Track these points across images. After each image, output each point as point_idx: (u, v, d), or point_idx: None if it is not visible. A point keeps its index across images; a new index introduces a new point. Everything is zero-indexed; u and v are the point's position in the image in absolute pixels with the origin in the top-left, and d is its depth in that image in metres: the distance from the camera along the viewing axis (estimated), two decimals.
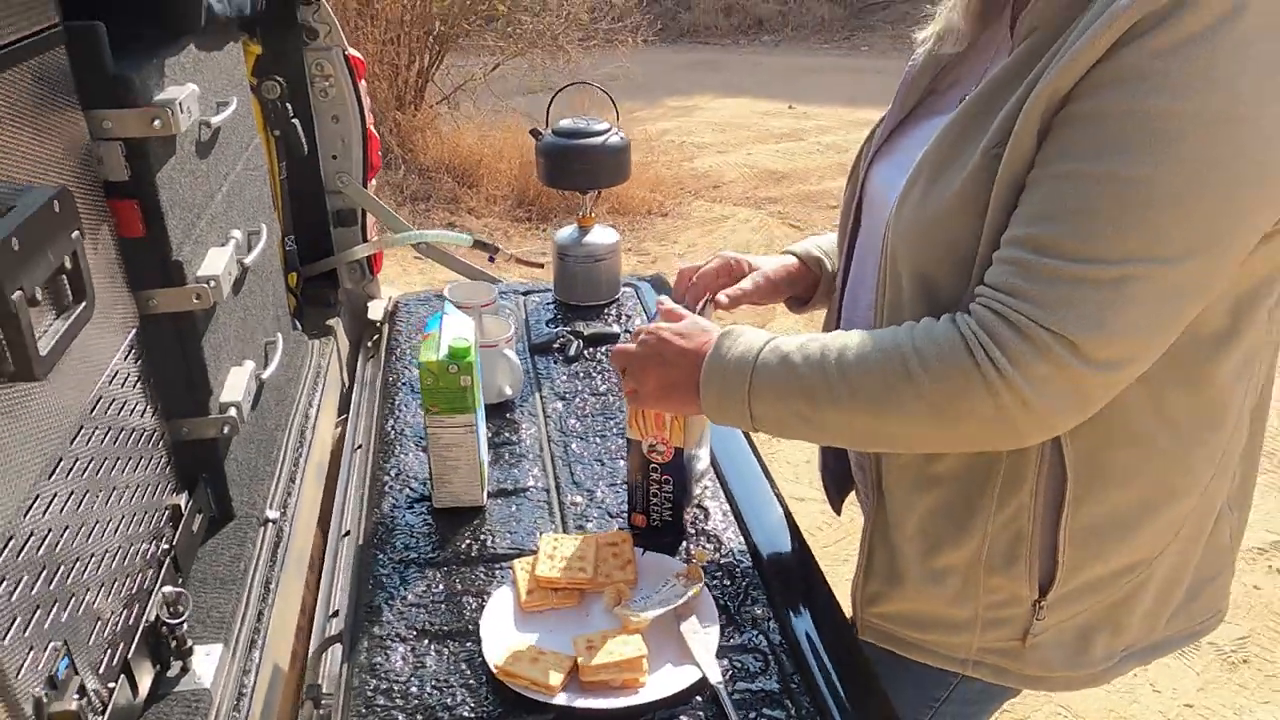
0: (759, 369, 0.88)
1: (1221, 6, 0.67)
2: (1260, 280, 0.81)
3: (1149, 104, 0.69)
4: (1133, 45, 0.70)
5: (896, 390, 0.80)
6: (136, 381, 1.02)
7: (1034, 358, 0.74)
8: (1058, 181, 0.74)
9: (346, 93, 1.79)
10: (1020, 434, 0.80)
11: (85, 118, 0.95)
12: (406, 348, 1.69)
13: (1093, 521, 0.89)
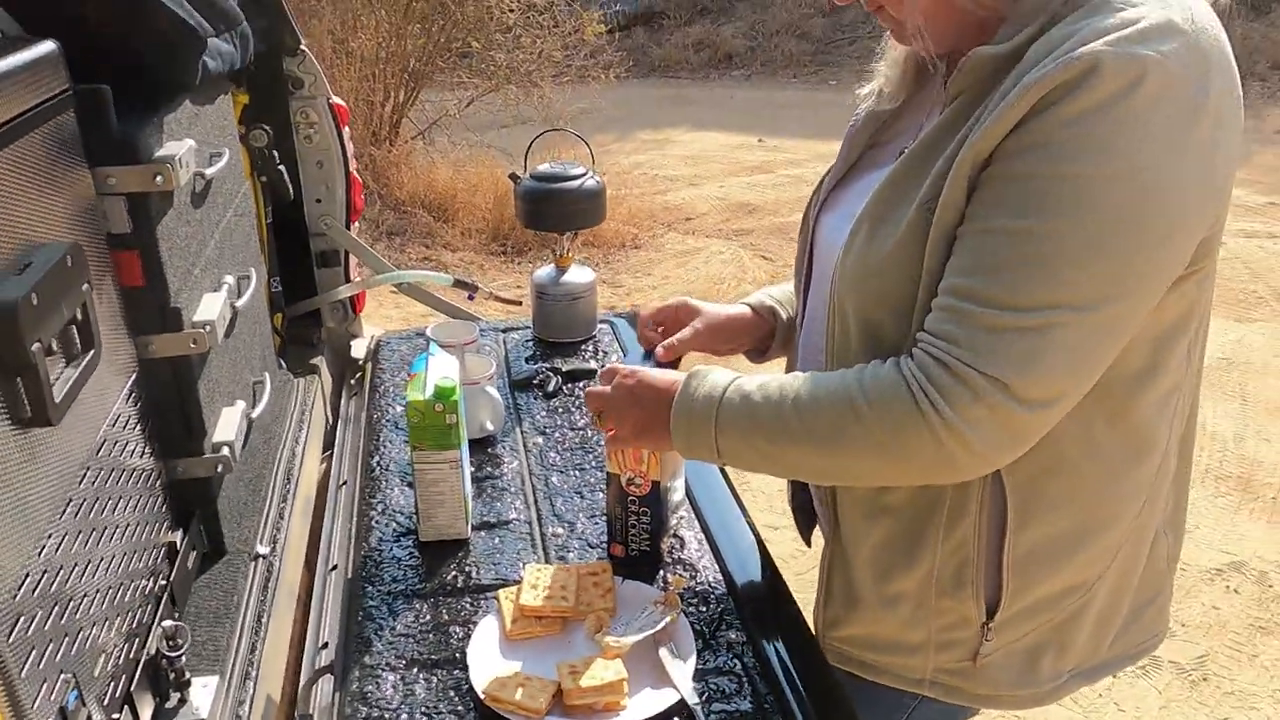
0: (723, 407, 0.94)
1: (1120, 81, 0.75)
2: (1176, 320, 0.88)
3: (1060, 168, 0.77)
4: (1044, 114, 0.77)
5: (846, 430, 0.87)
6: (136, 424, 1.07)
7: (970, 400, 0.81)
8: (984, 237, 0.81)
9: (330, 139, 1.85)
10: (961, 470, 0.86)
11: (91, 175, 1.01)
12: (390, 385, 1.74)
13: (1033, 547, 0.95)
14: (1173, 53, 0.76)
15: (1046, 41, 0.80)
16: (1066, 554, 0.96)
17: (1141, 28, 0.76)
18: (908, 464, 0.86)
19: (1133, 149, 0.76)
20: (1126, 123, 0.75)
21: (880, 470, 0.88)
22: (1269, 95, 8.22)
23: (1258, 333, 4.15)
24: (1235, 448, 3.31)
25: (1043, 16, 0.82)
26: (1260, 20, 8.93)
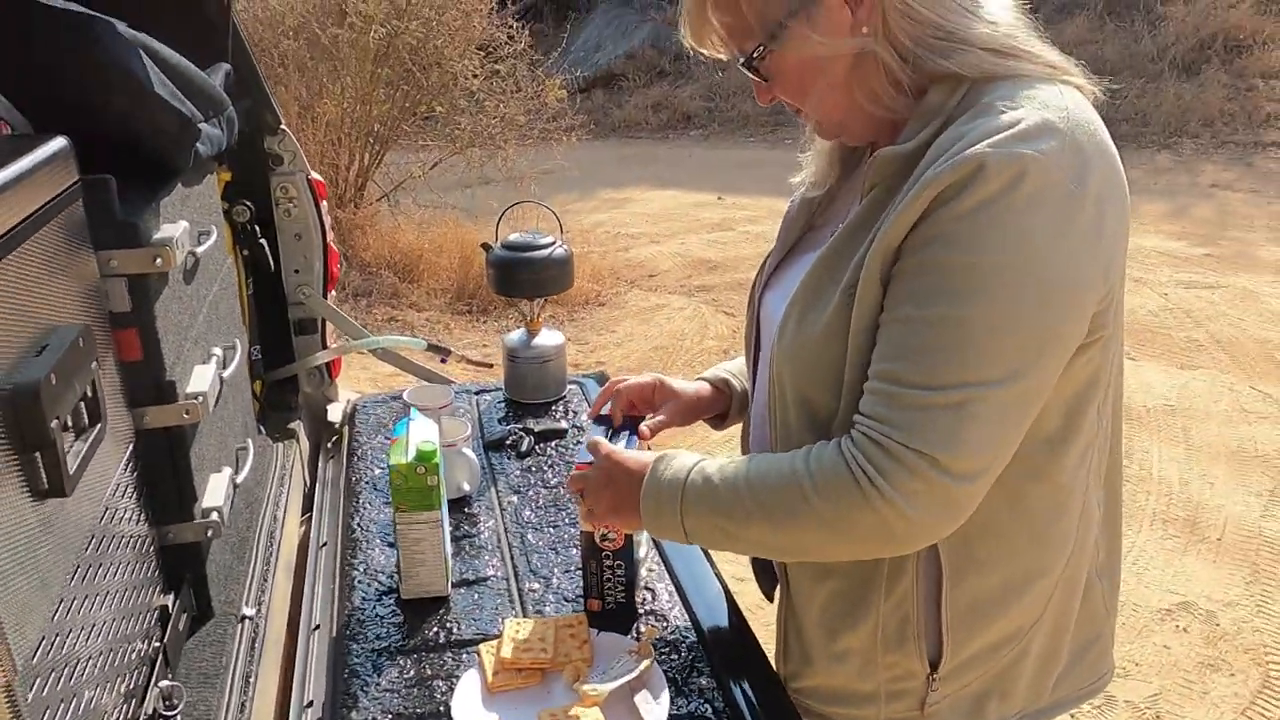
0: (687, 490, 1.00)
1: (1004, 177, 0.83)
2: (1085, 385, 0.97)
3: (957, 258, 0.85)
4: (940, 210, 0.86)
5: (796, 509, 0.93)
6: (133, 492, 1.12)
7: (906, 476, 0.87)
8: (901, 325, 0.89)
9: (309, 212, 1.93)
10: (903, 543, 0.92)
11: (96, 258, 1.07)
12: (367, 448, 1.80)
13: (969, 602, 1.02)
14: (1051, 150, 0.84)
15: (941, 144, 0.89)
16: (1000, 606, 1.03)
17: (1022, 129, 0.85)
18: (854, 539, 0.92)
19: (1020, 237, 0.84)
20: (1012, 214, 0.84)
21: (830, 546, 0.95)
22: (1201, 151, 8.61)
23: (1200, 379, 4.33)
24: (1181, 491, 3.44)
25: (939, 118, 0.91)
26: (1191, 81, 9.38)
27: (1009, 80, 0.91)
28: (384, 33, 5.95)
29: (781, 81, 0.99)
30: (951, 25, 0.91)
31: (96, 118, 1.21)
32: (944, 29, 0.91)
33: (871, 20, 0.92)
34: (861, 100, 0.97)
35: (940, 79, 0.93)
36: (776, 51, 0.96)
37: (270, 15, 6.17)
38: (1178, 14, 10.02)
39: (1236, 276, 5.58)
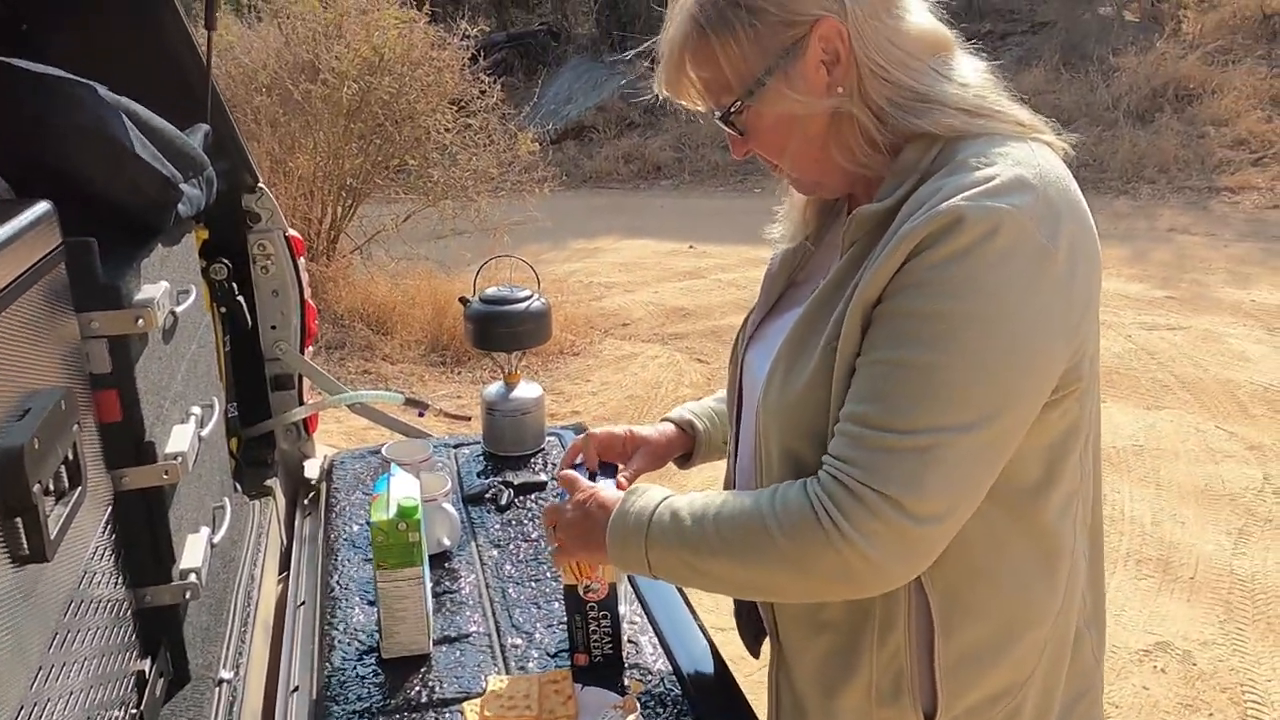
0: (654, 523, 1.01)
1: (979, 230, 0.86)
2: (1065, 434, 0.98)
3: (931, 306, 0.87)
4: (916, 260, 0.88)
5: (759, 546, 0.94)
6: (111, 555, 1.11)
7: (867, 516, 0.88)
8: (873, 368, 0.92)
9: (286, 269, 1.94)
10: (862, 583, 0.92)
11: (77, 320, 1.07)
12: (345, 504, 1.78)
13: (962, 654, 1.01)
14: (1024, 205, 0.87)
15: (917, 198, 0.91)
16: (993, 658, 1.02)
17: (996, 184, 0.88)
18: (816, 579, 0.93)
19: (993, 288, 0.87)
20: (986, 266, 0.86)
21: (792, 584, 0.96)
22: (1158, 196, 8.85)
23: (1167, 420, 4.40)
24: (1153, 531, 3.48)
25: (915, 175, 0.94)
26: (1145, 129, 9.66)
27: (982, 138, 0.94)
28: (357, 88, 6.01)
29: (758, 137, 1.01)
30: (924, 87, 0.94)
31: (78, 180, 1.21)
32: (917, 91, 0.94)
33: (847, 80, 0.94)
34: (838, 157, 0.99)
35: (914, 138, 0.95)
36: (754, 107, 0.98)
37: (243, 72, 6.22)
38: (1130, 64, 10.36)
39: (1198, 318, 5.71)
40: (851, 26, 0.93)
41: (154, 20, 1.60)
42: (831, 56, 0.94)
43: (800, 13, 0.93)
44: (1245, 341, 5.29)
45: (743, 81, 0.96)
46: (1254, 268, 6.67)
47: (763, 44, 0.94)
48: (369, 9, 6.31)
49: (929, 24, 0.98)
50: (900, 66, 0.94)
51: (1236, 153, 9.11)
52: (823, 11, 0.92)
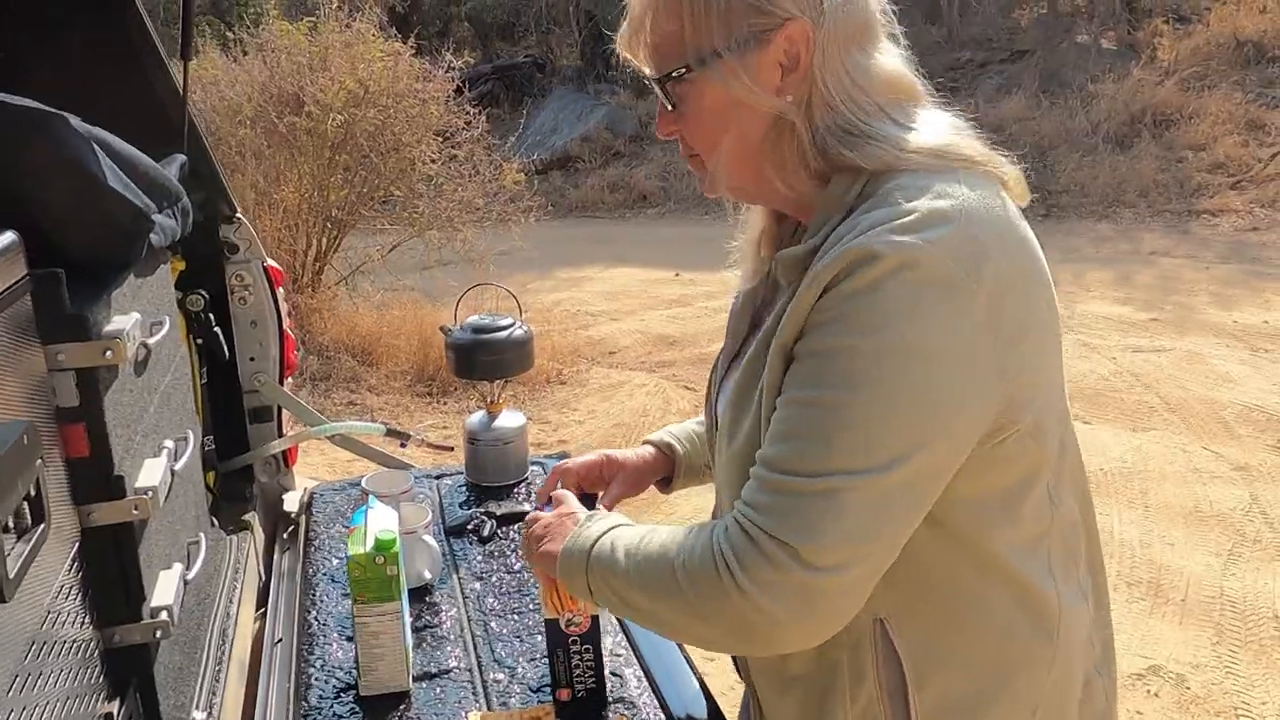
0: (595, 550, 1.00)
1: (890, 264, 0.82)
2: (1021, 479, 0.92)
3: (842, 341, 0.84)
4: (830, 293, 0.85)
5: (668, 589, 0.91)
6: (78, 593, 1.08)
7: (763, 564, 0.84)
8: (785, 408, 0.88)
9: (265, 300, 1.91)
10: (761, 638, 0.87)
11: (43, 352, 1.05)
12: (325, 538, 1.75)
13: (940, 705, 0.95)
14: (941, 238, 0.83)
15: (837, 235, 0.88)
16: (979, 708, 0.96)
17: (912, 219, 0.84)
18: (718, 629, 0.89)
19: (905, 322, 0.82)
20: (896, 300, 0.82)
21: (697, 631, 0.92)
22: (1139, 220, 8.94)
23: (1154, 442, 4.40)
24: (1143, 553, 3.47)
25: (840, 211, 0.91)
26: (1125, 154, 9.78)
27: (907, 173, 0.89)
28: (341, 120, 6.02)
29: (692, 117, 0.97)
30: (863, 124, 0.91)
31: (48, 211, 1.19)
32: (856, 125, 0.91)
33: (798, 91, 0.91)
34: (770, 172, 0.96)
35: (843, 169, 0.92)
36: (698, 81, 0.93)
37: (227, 106, 6.22)
38: (1108, 91, 10.51)
39: (1181, 340, 5.74)
40: (820, 41, 0.90)
41: (130, 51, 1.59)
42: (791, 61, 0.91)
43: (778, 5, 0.90)
44: (1229, 362, 5.32)
45: (698, 50, 0.92)
46: (1236, 289, 6.73)
47: (730, 20, 0.90)
48: (354, 42, 6.34)
49: (896, 71, 0.95)
50: (848, 99, 0.91)
51: (1214, 176, 9.23)
52: (799, 14, 0.89)
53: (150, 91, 1.66)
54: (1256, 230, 8.29)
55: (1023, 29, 13.29)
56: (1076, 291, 6.82)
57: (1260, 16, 11.12)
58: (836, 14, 0.90)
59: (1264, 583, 3.24)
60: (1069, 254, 7.86)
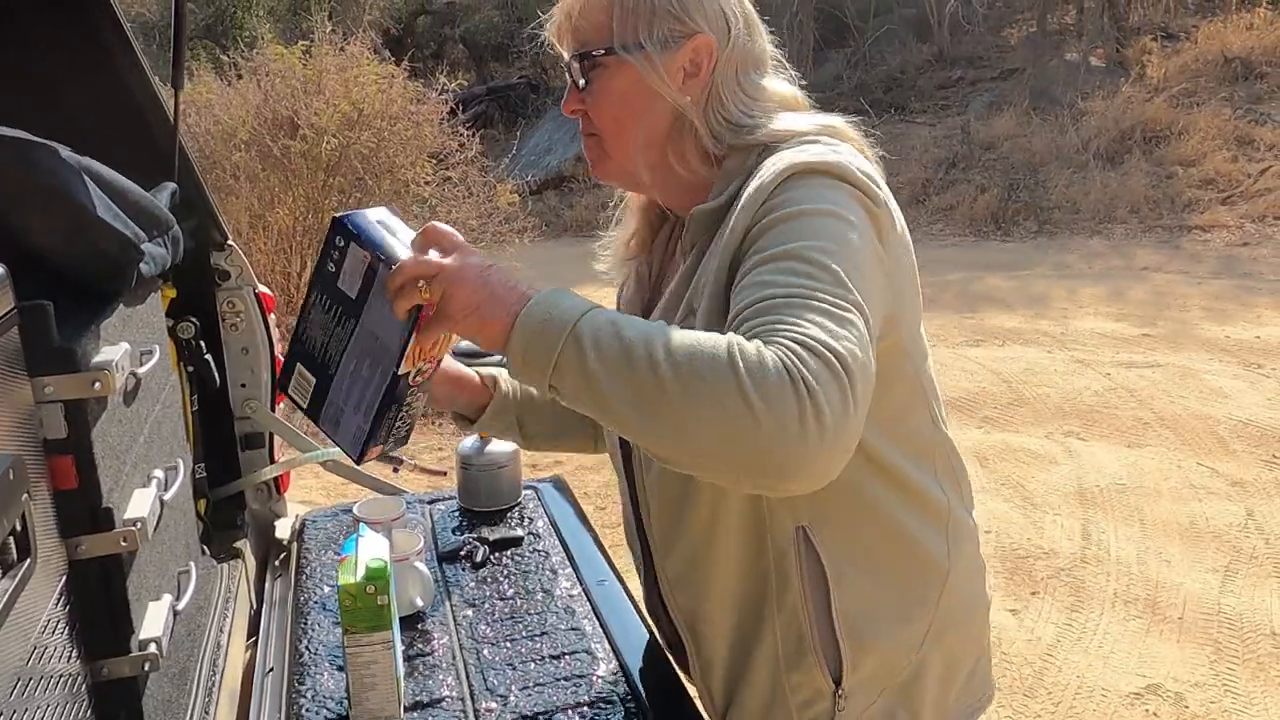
0: (584, 321, 0.85)
1: (814, 165, 0.97)
2: (905, 399, 1.07)
3: (791, 211, 0.94)
4: (767, 201, 0.97)
5: (715, 381, 0.79)
6: (65, 627, 1.07)
7: (830, 380, 0.79)
8: (763, 267, 0.90)
9: (256, 326, 1.91)
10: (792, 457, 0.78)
11: (31, 384, 1.05)
12: (316, 565, 1.74)
13: (859, 609, 1.07)
14: (846, 162, 0.98)
15: (748, 189, 1.00)
16: (889, 611, 1.08)
17: (820, 148, 1.00)
18: (756, 436, 0.78)
19: (831, 200, 0.95)
20: (822, 186, 0.96)
21: (724, 446, 0.79)
22: (1131, 236, 8.98)
23: (1149, 457, 4.41)
24: (1139, 570, 3.46)
25: (741, 176, 1.04)
26: (1115, 170, 9.84)
27: (797, 138, 1.05)
28: (336, 143, 6.04)
29: (601, 96, 1.08)
30: (752, 121, 1.07)
31: (37, 243, 1.19)
32: (751, 121, 1.07)
33: (695, 94, 1.07)
34: (672, 160, 1.09)
35: (738, 149, 1.07)
36: (613, 65, 1.06)
37: (222, 129, 6.25)
38: (1098, 108, 10.58)
39: (1175, 355, 5.76)
40: (723, 58, 1.07)
41: (119, 80, 1.60)
42: (694, 68, 1.06)
43: (693, 19, 1.05)
44: (1223, 377, 5.33)
45: (622, 39, 1.05)
46: (1228, 304, 6.75)
47: (653, 21, 1.04)
48: (348, 65, 6.38)
49: (784, 90, 1.12)
50: (741, 104, 1.07)
51: (1205, 192, 9.28)
52: (708, 30, 1.06)
53: (141, 120, 1.66)
54: (1247, 245, 8.33)
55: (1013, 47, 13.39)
56: (1070, 307, 6.84)
57: (1247, 33, 11.22)
58: (740, 41, 1.08)
59: (1261, 599, 3.23)
60: (1062, 270, 7.89)
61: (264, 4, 13.75)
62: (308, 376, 0.98)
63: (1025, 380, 5.44)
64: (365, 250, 0.93)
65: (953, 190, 10.22)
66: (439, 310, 0.90)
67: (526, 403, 1.36)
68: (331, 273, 0.94)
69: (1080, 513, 3.91)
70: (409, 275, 0.90)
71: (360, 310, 0.93)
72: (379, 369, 0.95)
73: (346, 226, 0.95)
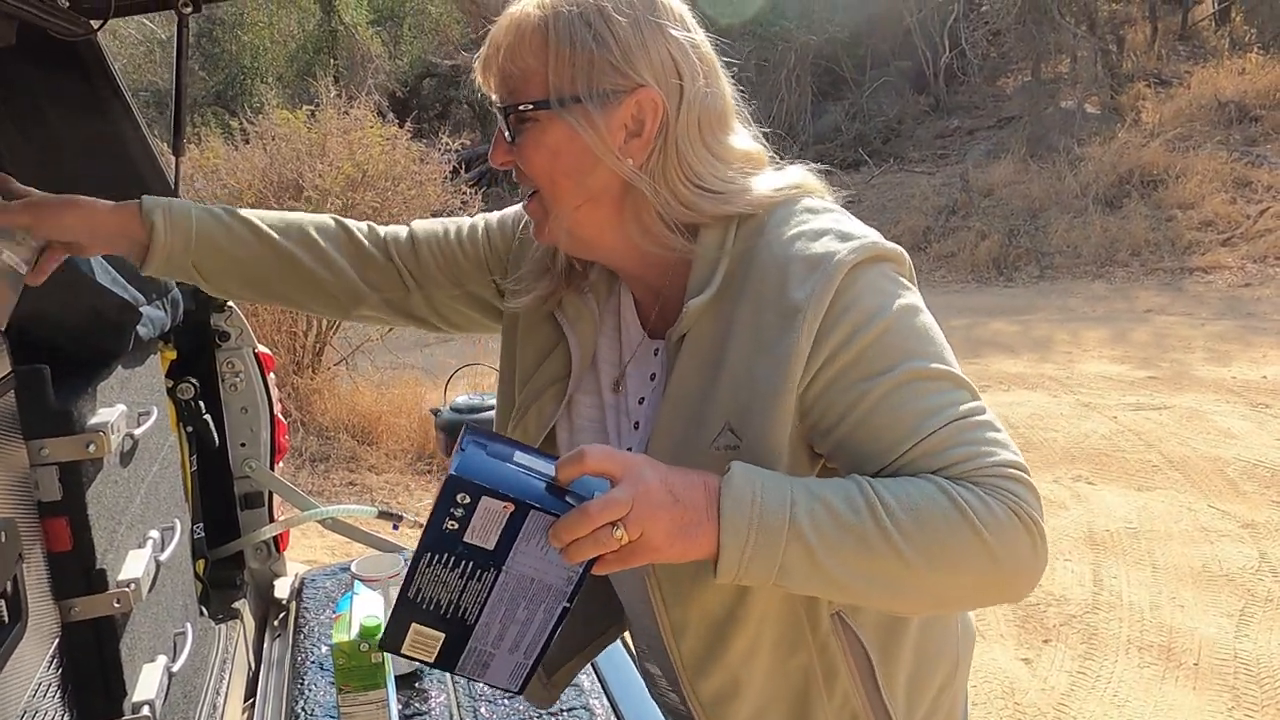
0: (798, 516, 0.83)
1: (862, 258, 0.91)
2: None
3: (873, 331, 0.89)
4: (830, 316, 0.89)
5: (961, 542, 0.83)
6: (57, 690, 1.07)
7: (1035, 502, 0.86)
8: (883, 401, 0.88)
9: (256, 386, 1.93)
10: (1026, 580, 0.87)
11: (26, 447, 1.06)
12: (314, 624, 1.73)
13: (903, 672, 1.03)
14: (873, 238, 0.93)
15: (759, 271, 0.92)
16: (927, 661, 1.06)
17: (841, 230, 0.93)
18: (1002, 576, 0.86)
19: (896, 291, 0.91)
20: (883, 277, 0.92)
21: (983, 584, 0.87)
22: (1132, 279, 9.00)
23: (1159, 500, 4.36)
24: (1153, 616, 3.41)
25: (725, 256, 0.94)
26: (1115, 214, 9.89)
27: (780, 205, 0.96)
28: (340, 204, 6.13)
29: (530, 150, 0.95)
30: (722, 184, 0.95)
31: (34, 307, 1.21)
32: (721, 186, 0.95)
33: (641, 156, 0.94)
34: (634, 234, 0.97)
35: (710, 220, 0.96)
36: (546, 119, 0.93)
37: (228, 193, 6.35)
38: (1095, 154, 10.68)
39: (1181, 396, 5.73)
40: (682, 115, 0.93)
41: (120, 145, 1.64)
42: (636, 126, 0.93)
43: (636, 70, 0.92)
44: (1230, 418, 5.30)
45: (559, 91, 0.92)
46: (1232, 345, 6.74)
47: (590, 73, 0.92)
48: (351, 128, 6.49)
49: (749, 147, 1.00)
50: (708, 167, 0.95)
51: (1205, 234, 9.32)
52: (653, 84, 0.92)
53: (141, 185, 1.70)
54: (1249, 286, 8.33)
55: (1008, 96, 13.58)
56: (1074, 351, 6.83)
57: (1240, 78, 11.36)
58: (699, 94, 0.94)
59: (1278, 643, 3.18)
60: (1066, 314, 7.90)
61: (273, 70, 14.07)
62: (432, 634, 0.90)
63: (1032, 425, 5.41)
64: (504, 500, 0.83)
65: (953, 237, 10.29)
66: (639, 547, 0.82)
67: (205, 249, 1.11)
68: (453, 531, 0.84)
69: (1091, 558, 3.86)
70: (598, 524, 0.80)
71: (503, 559, 0.85)
72: (541, 608, 0.88)
73: (470, 482, 0.82)
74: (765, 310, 0.91)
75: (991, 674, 3.06)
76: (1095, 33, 12.94)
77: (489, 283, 1.17)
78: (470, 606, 0.88)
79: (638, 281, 1.04)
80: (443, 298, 1.18)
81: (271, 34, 14.39)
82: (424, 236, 1.19)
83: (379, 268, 1.17)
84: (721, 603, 0.98)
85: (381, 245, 1.18)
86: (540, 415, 1.07)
